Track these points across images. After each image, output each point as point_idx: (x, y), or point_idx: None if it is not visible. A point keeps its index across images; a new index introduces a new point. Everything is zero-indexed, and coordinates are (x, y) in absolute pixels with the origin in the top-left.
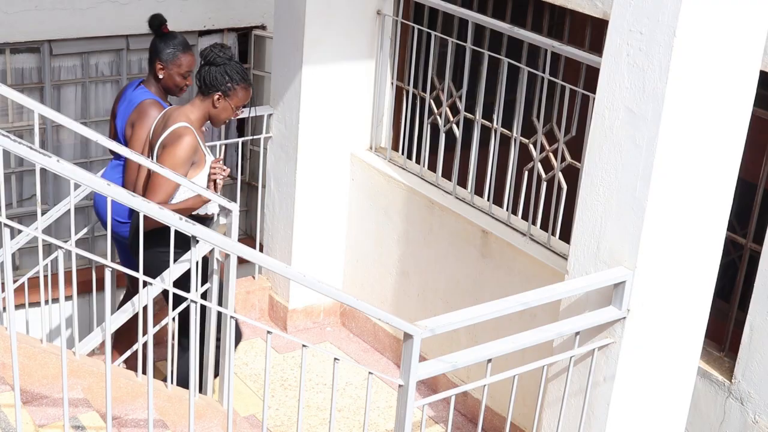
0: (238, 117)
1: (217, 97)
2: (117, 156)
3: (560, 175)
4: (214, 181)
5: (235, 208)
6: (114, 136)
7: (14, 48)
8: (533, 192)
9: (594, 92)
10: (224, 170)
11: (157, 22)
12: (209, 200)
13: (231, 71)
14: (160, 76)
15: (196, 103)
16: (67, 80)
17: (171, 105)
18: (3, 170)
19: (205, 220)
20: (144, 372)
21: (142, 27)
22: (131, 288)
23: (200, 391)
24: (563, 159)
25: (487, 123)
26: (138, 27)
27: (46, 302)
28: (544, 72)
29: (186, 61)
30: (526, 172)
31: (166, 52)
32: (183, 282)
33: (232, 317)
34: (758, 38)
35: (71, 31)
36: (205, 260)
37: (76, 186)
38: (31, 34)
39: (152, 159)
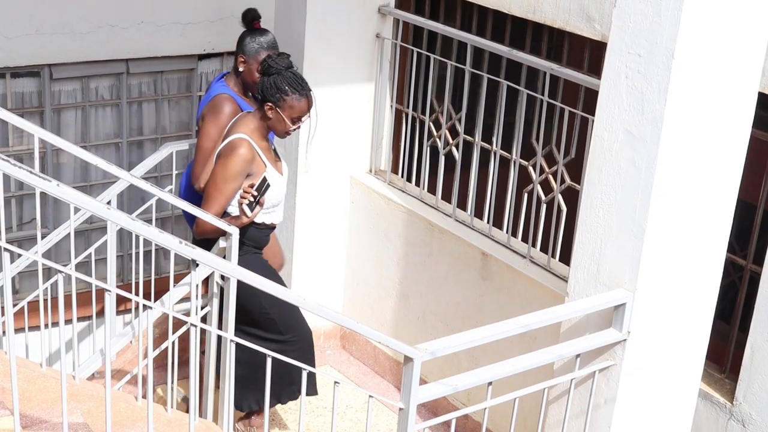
0: (299, 128)
1: (268, 107)
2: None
3: (560, 197)
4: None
5: (235, 231)
6: None
7: (14, 72)
8: (533, 214)
9: (593, 114)
10: (251, 196)
11: (250, 16)
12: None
13: (281, 81)
14: (240, 69)
15: (256, 113)
16: (67, 104)
17: (248, 100)
18: (3, 194)
19: (269, 229)
20: (144, 396)
21: (142, 51)
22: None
23: (200, 414)
24: (563, 181)
25: (486, 145)
26: (138, 51)
27: (46, 326)
28: (543, 94)
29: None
30: (526, 194)
31: (250, 47)
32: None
33: (231, 341)
34: (756, 60)
35: (71, 55)
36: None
37: (76, 210)
38: (32, 58)
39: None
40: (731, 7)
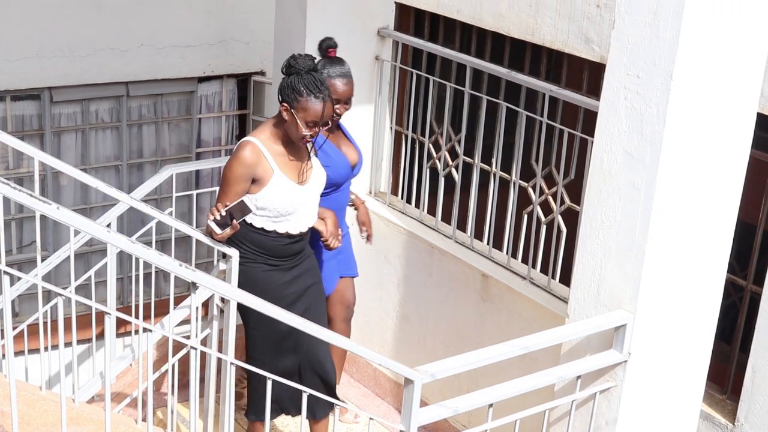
0: (315, 135)
1: (282, 108)
2: (333, 186)
3: (560, 218)
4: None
5: (235, 253)
6: None
7: (15, 95)
8: (533, 235)
9: (592, 135)
10: (219, 214)
11: (325, 45)
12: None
13: (297, 82)
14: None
15: (274, 117)
16: (67, 127)
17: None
18: (3, 217)
19: (286, 238)
20: (144, 419)
21: (142, 74)
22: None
23: None
24: (562, 202)
25: (486, 167)
26: (138, 74)
27: (46, 349)
28: (542, 115)
29: (333, 89)
30: (526, 216)
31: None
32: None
33: (231, 363)
34: (755, 81)
35: (71, 78)
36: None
37: (76, 232)
38: (32, 81)
39: None
40: (729, 28)
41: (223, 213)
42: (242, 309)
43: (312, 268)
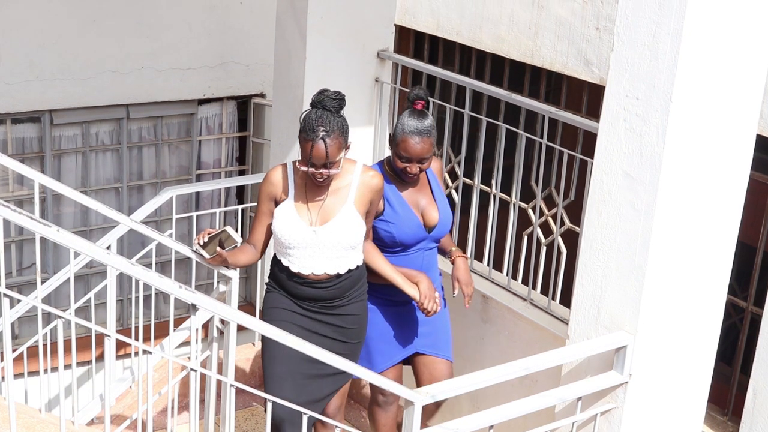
0: (321, 176)
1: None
2: (401, 245)
3: (560, 239)
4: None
5: (234, 275)
6: None
7: (15, 118)
8: (533, 256)
9: (592, 157)
10: (202, 238)
11: (412, 95)
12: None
13: (302, 118)
14: (389, 147)
15: None
16: (67, 149)
17: (399, 184)
18: (3, 239)
19: (297, 277)
20: None
21: (141, 96)
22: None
23: None
24: (562, 223)
25: (486, 188)
26: (138, 96)
27: (45, 371)
28: (542, 137)
29: (404, 145)
30: (526, 237)
31: (395, 128)
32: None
33: (231, 385)
34: (754, 103)
35: (72, 101)
36: None
37: (76, 255)
38: (33, 104)
39: None
40: (728, 50)
41: (206, 239)
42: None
43: (344, 329)
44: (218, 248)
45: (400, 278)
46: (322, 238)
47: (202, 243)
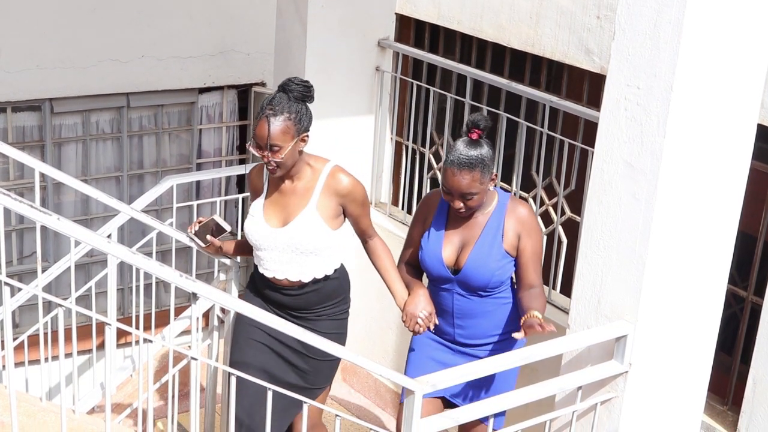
0: (260, 156)
1: None
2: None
3: (560, 228)
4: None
5: (234, 264)
6: None
7: (15, 106)
8: None
9: (592, 146)
10: (194, 225)
11: (470, 122)
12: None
13: None
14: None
15: None
16: (67, 138)
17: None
18: (3, 228)
19: (280, 291)
20: (144, 430)
21: (142, 85)
22: None
23: None
24: (563, 213)
25: None
26: (139, 85)
27: (46, 360)
28: (542, 126)
29: (444, 176)
30: None
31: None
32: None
33: (232, 374)
34: (755, 92)
35: (72, 90)
36: None
37: (77, 243)
38: (33, 92)
39: None
40: (730, 39)
41: (197, 228)
42: None
43: (308, 345)
44: (209, 237)
45: (397, 286)
46: (281, 241)
47: (194, 232)
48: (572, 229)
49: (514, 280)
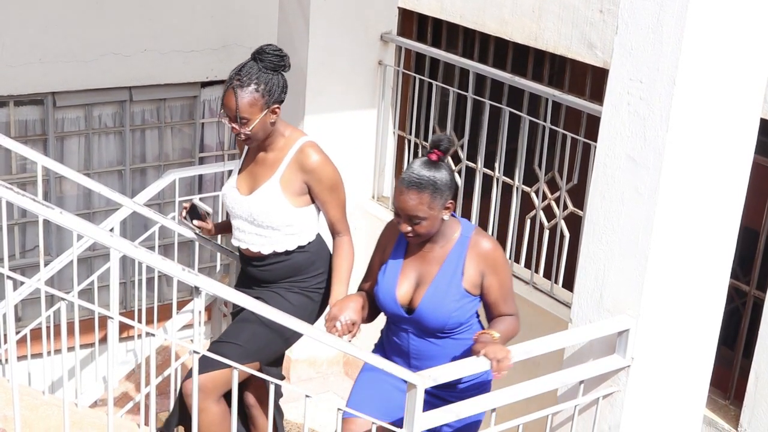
0: (229, 127)
1: None
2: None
3: (562, 223)
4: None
5: (235, 258)
6: None
7: (18, 100)
8: (536, 240)
9: (595, 140)
10: (329, 321)
11: (432, 144)
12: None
13: None
14: None
15: None
16: (70, 132)
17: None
18: (6, 221)
19: (251, 263)
20: (146, 424)
21: (144, 79)
22: None
23: None
24: (565, 207)
25: (489, 172)
26: (141, 78)
27: (48, 353)
28: (545, 120)
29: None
30: (529, 221)
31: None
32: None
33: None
34: (758, 86)
35: (75, 83)
36: None
37: (79, 237)
38: (35, 86)
39: None
40: (732, 33)
41: (185, 215)
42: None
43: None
44: (195, 221)
45: (337, 287)
46: (244, 209)
47: (185, 217)
48: (575, 224)
49: (482, 317)
